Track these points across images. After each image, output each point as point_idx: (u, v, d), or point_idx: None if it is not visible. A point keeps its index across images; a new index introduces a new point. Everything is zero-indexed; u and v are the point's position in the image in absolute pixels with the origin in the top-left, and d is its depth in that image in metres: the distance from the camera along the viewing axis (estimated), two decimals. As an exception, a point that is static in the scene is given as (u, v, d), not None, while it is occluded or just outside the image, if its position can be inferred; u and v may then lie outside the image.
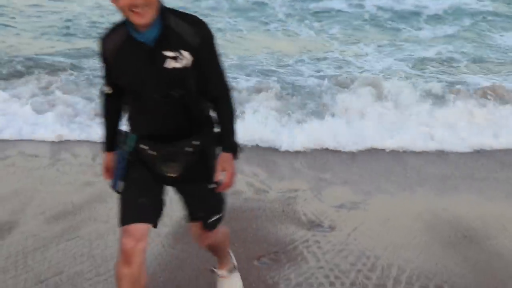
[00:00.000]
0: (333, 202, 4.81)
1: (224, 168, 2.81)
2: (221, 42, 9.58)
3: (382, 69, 8.94)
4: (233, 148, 2.84)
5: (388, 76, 8.29)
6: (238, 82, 7.88)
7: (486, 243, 4.25)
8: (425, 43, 10.44)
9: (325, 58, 9.38)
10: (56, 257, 3.88)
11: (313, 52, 9.75)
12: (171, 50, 2.56)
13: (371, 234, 4.31)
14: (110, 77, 2.78)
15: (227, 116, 2.81)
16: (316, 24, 11.44)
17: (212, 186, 2.86)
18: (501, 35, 11.03)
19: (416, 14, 12.25)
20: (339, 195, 4.98)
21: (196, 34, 2.58)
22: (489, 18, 12.01)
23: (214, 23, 10.51)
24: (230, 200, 4.75)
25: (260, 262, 3.87)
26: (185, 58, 2.57)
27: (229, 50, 9.37)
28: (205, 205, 2.98)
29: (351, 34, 10.94)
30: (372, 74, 8.53)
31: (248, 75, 8.36)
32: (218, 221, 3.05)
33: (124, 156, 2.84)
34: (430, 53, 9.83)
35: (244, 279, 3.64)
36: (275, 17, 11.82)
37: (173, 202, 4.45)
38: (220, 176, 2.83)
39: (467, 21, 11.78)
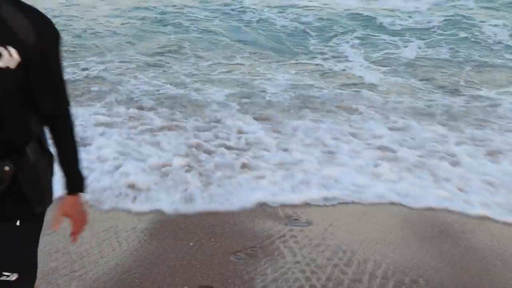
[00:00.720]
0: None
1: (67, 214, 2.24)
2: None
3: (371, 82, 7.98)
4: (78, 186, 2.25)
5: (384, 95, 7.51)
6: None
7: (462, 237, 4.28)
8: (404, 36, 10.22)
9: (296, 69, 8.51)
10: (30, 253, 3.83)
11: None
12: None
13: (347, 229, 4.32)
14: None
15: (68, 143, 2.19)
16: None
17: (18, 224, 2.16)
18: (490, 25, 10.58)
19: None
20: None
21: (33, 31, 1.96)
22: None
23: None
24: (207, 195, 4.75)
25: (237, 257, 3.86)
26: (10, 57, 1.94)
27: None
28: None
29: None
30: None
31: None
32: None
33: None
34: (411, 52, 9.30)
35: (220, 274, 3.63)
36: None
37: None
38: (60, 224, 2.24)
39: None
